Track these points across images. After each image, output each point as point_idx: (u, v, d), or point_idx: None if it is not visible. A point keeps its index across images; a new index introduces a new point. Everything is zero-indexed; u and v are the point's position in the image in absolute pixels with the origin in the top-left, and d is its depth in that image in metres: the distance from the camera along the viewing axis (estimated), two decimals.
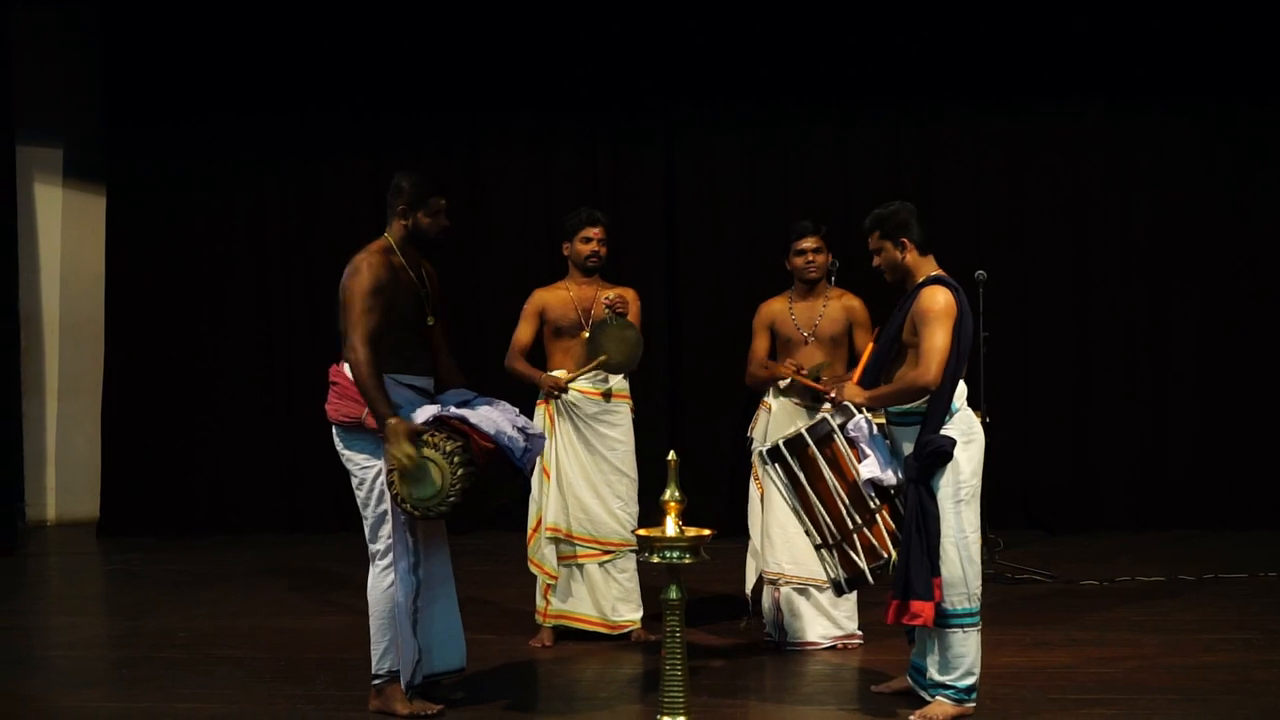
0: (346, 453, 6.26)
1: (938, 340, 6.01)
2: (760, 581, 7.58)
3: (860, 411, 6.18)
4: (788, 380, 7.47)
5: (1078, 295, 11.53)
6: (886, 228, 6.27)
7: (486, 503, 6.28)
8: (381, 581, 6.24)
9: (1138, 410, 11.47)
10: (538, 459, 6.96)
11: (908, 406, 6.10)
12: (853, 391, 6.22)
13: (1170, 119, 11.49)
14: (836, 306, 7.53)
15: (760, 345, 7.67)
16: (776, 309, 7.66)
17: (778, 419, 7.46)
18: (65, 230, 12.42)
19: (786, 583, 7.42)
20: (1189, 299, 11.44)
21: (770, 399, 7.59)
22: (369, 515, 6.24)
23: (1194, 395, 11.42)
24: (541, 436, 6.48)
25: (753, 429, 7.68)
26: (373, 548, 6.26)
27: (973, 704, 6.11)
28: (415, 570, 6.23)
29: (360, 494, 6.25)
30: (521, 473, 6.30)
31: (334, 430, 6.27)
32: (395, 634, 6.23)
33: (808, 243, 7.54)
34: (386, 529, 6.20)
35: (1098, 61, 11.39)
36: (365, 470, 6.19)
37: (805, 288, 7.60)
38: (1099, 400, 11.50)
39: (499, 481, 6.20)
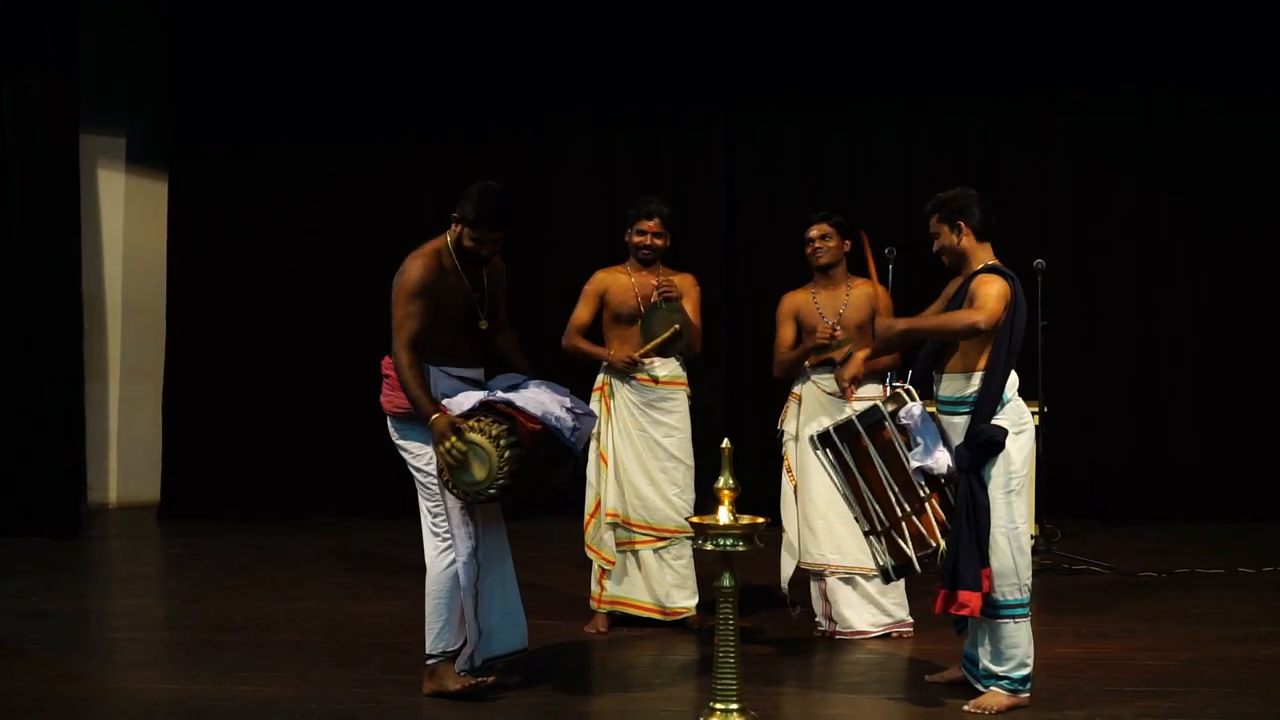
0: (401, 442, 6.33)
1: (993, 302, 5.99)
2: (797, 574, 7.56)
3: (912, 398, 6.18)
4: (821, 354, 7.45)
5: (1143, 284, 11.44)
6: (945, 211, 6.27)
7: (540, 484, 6.30)
8: (440, 563, 6.28)
9: (1200, 401, 11.37)
10: (592, 440, 6.96)
11: (959, 395, 6.09)
12: (887, 325, 6.26)
13: (1241, 108, 11.36)
14: (860, 294, 7.50)
15: (785, 336, 7.65)
16: (800, 300, 7.64)
17: (808, 408, 7.46)
18: (128, 215, 12.52)
19: (831, 573, 7.40)
20: (1255, 289, 11.32)
21: (799, 389, 7.57)
22: (428, 500, 6.30)
23: (1256, 386, 11.30)
24: (592, 415, 6.45)
25: (783, 421, 7.67)
26: (431, 532, 6.31)
27: (1027, 694, 6.09)
28: (476, 554, 6.27)
29: (418, 479, 6.31)
30: (572, 452, 6.30)
31: (389, 420, 6.34)
32: (451, 615, 6.27)
33: (813, 231, 7.55)
34: (444, 513, 6.25)
35: (1167, 49, 11.28)
36: (419, 458, 6.25)
37: (823, 279, 7.58)
38: (1161, 391, 11.40)
39: (550, 462, 6.21)
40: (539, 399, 6.16)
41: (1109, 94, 11.44)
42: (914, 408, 6.16)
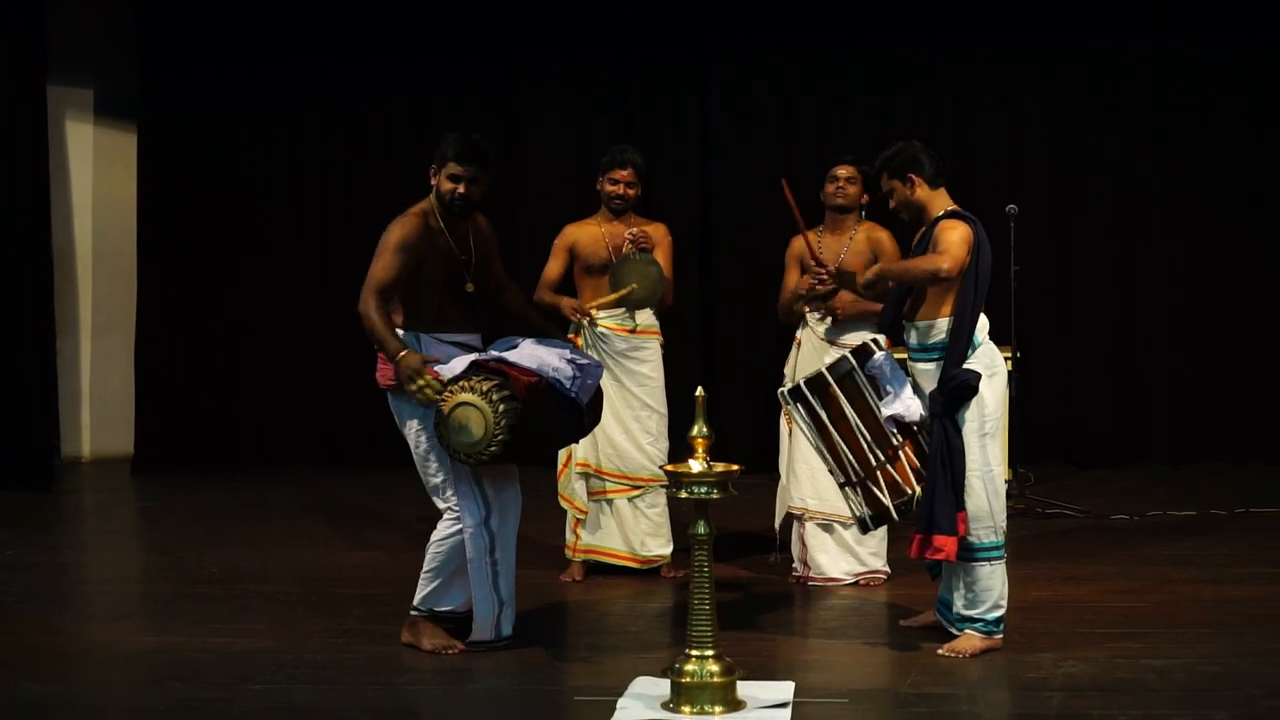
0: (400, 417, 6.26)
1: (956, 247, 6.02)
2: (789, 518, 7.59)
3: (879, 347, 6.19)
4: (819, 315, 7.43)
5: (1116, 230, 11.45)
6: (893, 167, 6.29)
7: (547, 437, 6.27)
8: (444, 531, 6.20)
9: (1173, 345, 11.41)
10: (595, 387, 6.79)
11: (929, 341, 6.11)
12: (852, 269, 6.35)
13: (1213, 55, 11.35)
14: (862, 239, 7.47)
15: (790, 279, 7.65)
16: (806, 243, 7.63)
17: (806, 355, 7.44)
18: (97, 168, 12.42)
19: (810, 518, 7.43)
20: (1228, 234, 11.33)
21: (801, 334, 7.56)
22: (432, 475, 6.21)
23: (1228, 329, 11.33)
24: (597, 365, 6.32)
25: (787, 365, 7.66)
26: (440, 506, 6.24)
27: (1001, 636, 6.12)
28: (488, 523, 6.16)
29: (418, 452, 6.21)
30: (575, 401, 6.15)
31: (388, 397, 6.26)
32: (445, 580, 6.21)
33: (841, 170, 7.51)
34: (452, 487, 6.17)
35: None
36: (420, 432, 6.17)
37: (835, 221, 7.56)
38: (1135, 335, 11.44)
39: (554, 415, 6.09)
40: (535, 353, 6.02)
41: (1081, 44, 11.42)
42: (881, 357, 6.18)
